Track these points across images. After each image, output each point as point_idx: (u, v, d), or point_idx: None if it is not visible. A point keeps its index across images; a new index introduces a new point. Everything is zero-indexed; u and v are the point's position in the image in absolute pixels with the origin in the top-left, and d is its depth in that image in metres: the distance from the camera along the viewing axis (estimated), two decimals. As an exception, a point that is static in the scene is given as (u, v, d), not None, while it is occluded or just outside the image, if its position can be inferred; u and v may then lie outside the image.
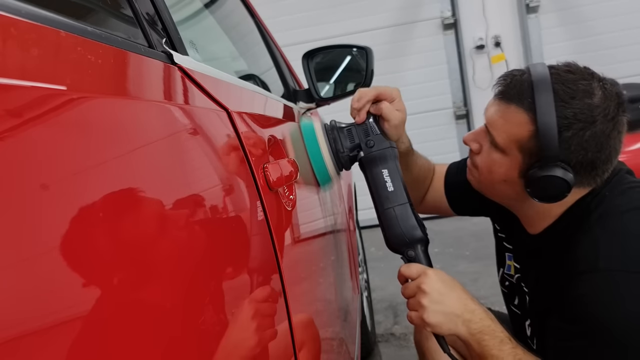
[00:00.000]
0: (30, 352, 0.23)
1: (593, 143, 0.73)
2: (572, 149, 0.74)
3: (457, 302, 0.77)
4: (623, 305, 0.69)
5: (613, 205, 0.77)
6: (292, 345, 0.57)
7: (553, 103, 0.73)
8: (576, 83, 0.75)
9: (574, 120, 0.73)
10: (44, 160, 0.27)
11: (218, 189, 0.48)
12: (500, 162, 0.81)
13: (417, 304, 0.79)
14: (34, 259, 0.25)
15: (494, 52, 4.47)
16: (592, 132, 0.73)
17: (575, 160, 0.74)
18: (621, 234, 0.74)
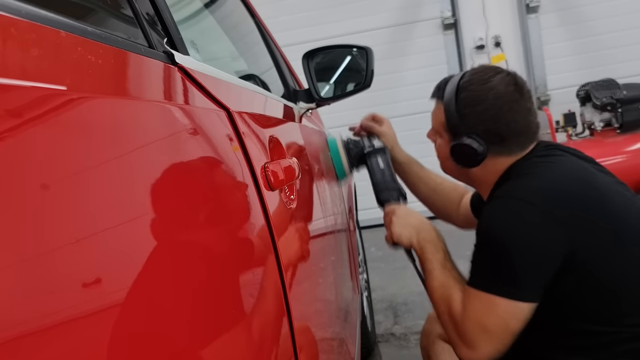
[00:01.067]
0: (30, 352, 0.23)
1: (487, 115, 0.97)
2: (472, 122, 0.98)
3: (417, 219, 1.08)
4: (500, 219, 0.90)
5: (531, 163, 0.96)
6: (292, 345, 0.57)
7: (454, 91, 1.01)
8: (475, 74, 1.01)
9: (468, 101, 0.99)
10: (44, 161, 0.27)
11: (219, 189, 0.48)
12: (441, 144, 1.09)
13: (389, 222, 1.11)
14: (34, 259, 0.25)
15: (494, 52, 4.47)
16: (483, 107, 0.97)
17: (480, 130, 0.98)
18: (521, 177, 0.94)
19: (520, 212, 0.88)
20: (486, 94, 0.97)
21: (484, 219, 0.94)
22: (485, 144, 0.98)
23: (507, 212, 0.90)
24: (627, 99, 3.61)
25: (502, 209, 0.91)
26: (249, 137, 0.60)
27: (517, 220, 0.88)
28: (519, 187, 0.92)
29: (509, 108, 0.96)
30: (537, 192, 0.89)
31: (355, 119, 4.89)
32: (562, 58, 4.43)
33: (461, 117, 0.99)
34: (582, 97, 3.86)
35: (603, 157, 3.60)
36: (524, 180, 0.94)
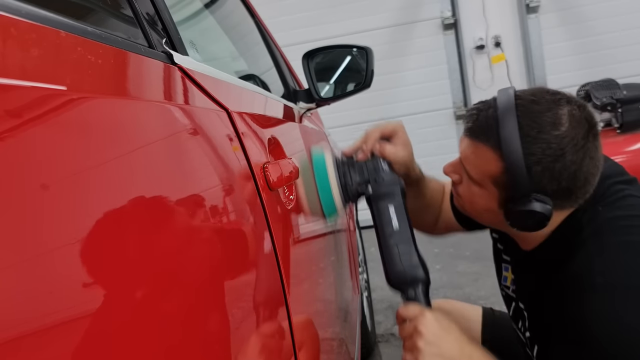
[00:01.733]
0: (30, 352, 0.23)
1: (565, 174, 0.73)
2: (544, 182, 0.74)
3: (454, 345, 0.76)
4: (622, 322, 0.68)
5: (605, 219, 0.76)
6: (292, 345, 0.57)
7: (519, 140, 0.73)
8: (542, 115, 0.74)
9: (542, 155, 0.73)
10: (44, 161, 0.27)
11: (218, 189, 0.48)
12: (479, 194, 0.82)
13: (413, 345, 0.77)
14: (34, 259, 0.25)
15: (494, 52, 4.47)
16: (562, 164, 0.72)
17: (550, 190, 0.74)
18: (615, 248, 0.73)
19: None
20: (562, 146, 0.72)
21: (593, 323, 0.70)
22: (552, 204, 0.75)
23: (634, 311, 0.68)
24: (627, 99, 3.61)
25: (622, 306, 0.68)
26: (248, 137, 0.60)
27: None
28: (631, 270, 0.70)
29: (587, 162, 0.74)
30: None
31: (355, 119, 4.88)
32: (562, 58, 4.43)
33: (530, 176, 0.74)
34: (582, 97, 3.86)
35: (603, 157, 3.60)
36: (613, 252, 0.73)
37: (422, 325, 0.77)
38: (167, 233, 0.37)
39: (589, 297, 0.70)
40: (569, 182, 0.73)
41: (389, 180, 0.85)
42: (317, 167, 0.83)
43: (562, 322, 0.75)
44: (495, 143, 0.76)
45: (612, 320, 0.68)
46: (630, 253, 0.71)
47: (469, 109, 0.83)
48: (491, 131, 0.76)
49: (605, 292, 0.69)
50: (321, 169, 0.83)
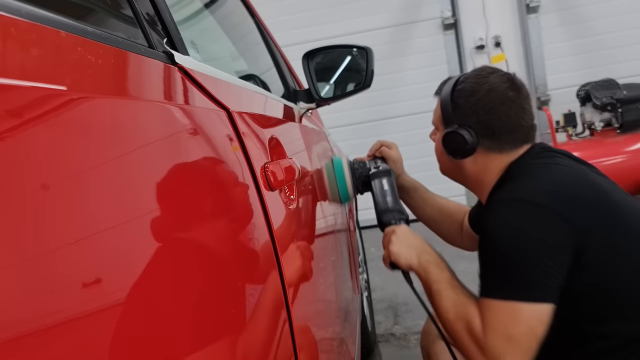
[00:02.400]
0: (30, 352, 0.23)
1: (480, 106, 0.98)
2: (465, 113, 1.00)
3: (417, 240, 1.06)
4: (507, 223, 0.89)
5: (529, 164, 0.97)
6: (292, 345, 0.57)
7: (452, 85, 1.03)
8: (474, 71, 1.04)
9: (463, 92, 1.01)
10: (44, 161, 0.27)
11: (218, 189, 0.48)
12: (438, 140, 1.08)
13: (387, 241, 1.08)
14: (35, 259, 0.25)
15: (494, 52, 4.47)
16: (477, 99, 0.98)
17: (472, 121, 0.99)
18: (525, 179, 0.94)
19: (526, 214, 0.88)
20: (481, 87, 0.99)
21: (490, 225, 0.92)
22: (475, 136, 0.99)
23: (513, 215, 0.89)
24: (627, 99, 3.61)
25: (507, 213, 0.90)
26: (248, 137, 0.60)
27: (525, 222, 0.87)
28: (521, 189, 0.92)
29: (501, 102, 0.97)
30: (540, 194, 0.89)
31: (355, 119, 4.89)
32: (562, 58, 4.43)
33: (455, 108, 1.01)
34: (582, 97, 3.86)
35: (603, 157, 3.60)
36: (524, 182, 0.93)
37: (396, 230, 1.08)
38: (167, 233, 0.37)
39: (490, 212, 0.94)
40: (485, 116, 0.98)
41: (383, 167, 1.24)
42: (336, 167, 1.18)
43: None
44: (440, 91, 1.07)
45: (498, 222, 0.91)
46: (526, 179, 0.93)
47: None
48: (441, 86, 1.09)
49: (496, 206, 0.93)
50: (339, 167, 1.18)
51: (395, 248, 1.05)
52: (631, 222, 0.91)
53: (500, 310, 0.86)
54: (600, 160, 3.59)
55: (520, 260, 0.86)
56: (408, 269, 1.04)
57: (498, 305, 0.87)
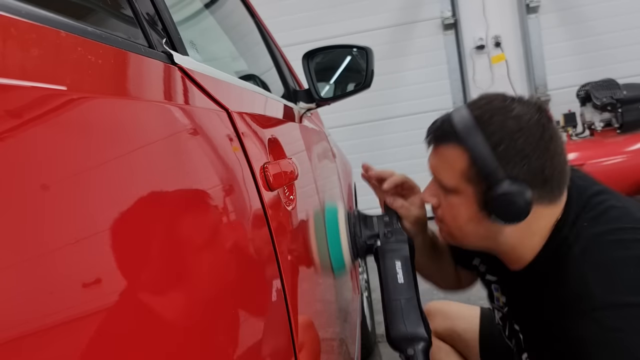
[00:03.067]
0: (30, 352, 0.23)
1: (530, 148, 0.73)
2: (512, 161, 0.73)
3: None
4: (622, 341, 0.67)
5: (592, 235, 0.75)
6: (292, 345, 0.57)
7: (476, 125, 0.75)
8: (491, 103, 0.77)
9: (501, 134, 0.73)
10: (44, 161, 0.27)
11: (218, 189, 0.48)
12: (458, 203, 0.80)
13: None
14: (35, 259, 0.25)
15: (494, 52, 4.47)
16: (524, 139, 0.73)
17: (521, 171, 0.73)
18: (608, 266, 0.72)
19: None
20: (520, 122, 0.74)
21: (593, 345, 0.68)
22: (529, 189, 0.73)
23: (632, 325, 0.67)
24: (627, 99, 3.61)
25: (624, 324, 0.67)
26: (248, 137, 0.60)
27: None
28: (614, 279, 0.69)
29: (549, 137, 0.74)
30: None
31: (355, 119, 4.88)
32: (562, 58, 4.43)
33: (497, 157, 0.73)
34: (582, 97, 3.86)
35: (603, 157, 3.60)
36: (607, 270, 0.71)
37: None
38: (167, 233, 0.37)
39: (589, 318, 0.69)
40: (537, 160, 0.73)
41: (398, 236, 0.85)
42: (329, 218, 0.85)
43: (560, 342, 0.74)
44: (456, 137, 0.76)
45: (612, 337, 0.67)
46: (622, 269, 0.71)
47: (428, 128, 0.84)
48: (450, 130, 0.78)
49: (603, 312, 0.68)
50: (333, 220, 0.85)
51: None
52: None
53: None
54: (600, 160, 3.60)
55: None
56: None
57: None
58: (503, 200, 0.74)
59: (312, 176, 0.98)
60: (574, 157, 3.65)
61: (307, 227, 0.79)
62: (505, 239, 0.80)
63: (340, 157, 1.83)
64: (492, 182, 0.74)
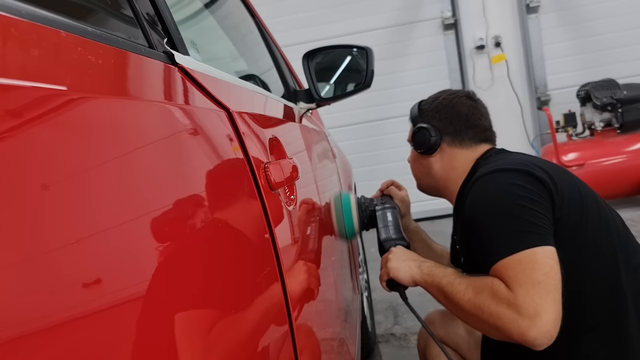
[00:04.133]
0: (30, 352, 0.23)
1: (440, 107, 1.17)
2: (428, 115, 1.18)
3: (414, 255, 1.09)
4: (493, 188, 0.96)
5: (491, 158, 1.09)
6: (292, 345, 0.57)
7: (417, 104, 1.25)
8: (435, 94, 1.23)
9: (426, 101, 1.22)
10: (44, 161, 0.27)
11: (219, 189, 0.48)
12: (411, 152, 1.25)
13: (385, 261, 1.10)
14: (35, 259, 0.24)
15: (494, 52, 4.47)
16: (437, 102, 1.18)
17: (434, 120, 1.16)
18: (493, 162, 1.03)
19: (509, 175, 0.94)
20: (440, 94, 1.20)
21: (478, 197, 0.97)
22: (438, 132, 1.15)
23: (498, 180, 0.96)
24: (627, 99, 3.62)
25: (491, 180, 0.96)
26: (249, 137, 0.60)
27: (510, 181, 0.94)
28: (497, 165, 0.99)
29: (459, 103, 1.15)
30: (516, 164, 0.97)
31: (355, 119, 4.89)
32: (562, 58, 4.43)
33: (420, 113, 1.21)
34: (582, 97, 3.87)
35: (603, 157, 3.60)
36: (494, 163, 1.02)
37: (392, 249, 1.11)
38: (167, 233, 0.37)
39: (470, 188, 1.01)
40: (446, 114, 1.15)
41: (389, 203, 1.28)
42: (344, 202, 1.22)
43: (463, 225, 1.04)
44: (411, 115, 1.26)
45: (485, 191, 0.97)
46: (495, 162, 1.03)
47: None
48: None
49: (478, 183, 0.99)
50: (347, 202, 1.21)
51: (393, 264, 1.07)
52: (599, 206, 0.98)
53: (517, 263, 0.86)
54: (600, 160, 3.60)
55: (518, 212, 0.89)
56: (410, 281, 1.05)
57: (513, 260, 0.86)
58: (415, 135, 1.19)
59: (313, 176, 0.98)
60: (574, 157, 3.65)
61: (313, 230, 0.80)
62: (435, 172, 1.18)
63: (340, 157, 1.83)
64: (413, 125, 1.21)
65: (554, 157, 3.67)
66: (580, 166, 3.55)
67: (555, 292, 0.83)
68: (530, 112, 4.54)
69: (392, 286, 1.10)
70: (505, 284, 0.85)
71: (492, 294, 0.86)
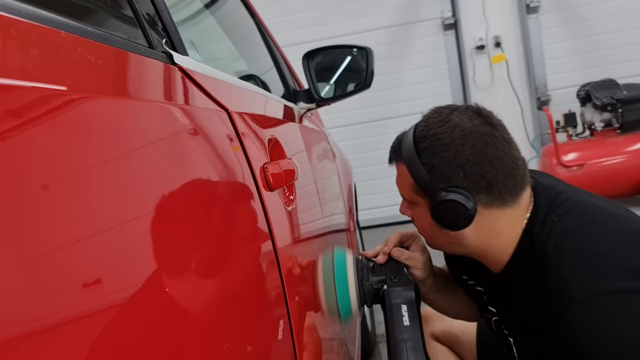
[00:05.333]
0: (30, 352, 0.23)
1: (461, 158, 0.76)
2: (446, 173, 0.77)
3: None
4: (606, 328, 0.68)
5: (563, 230, 0.77)
6: (292, 345, 0.57)
7: (412, 143, 0.80)
8: (428, 120, 0.81)
9: (432, 148, 0.77)
10: (44, 161, 0.27)
11: (218, 190, 0.48)
12: (420, 213, 0.85)
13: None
14: (35, 259, 0.25)
15: (494, 52, 4.47)
16: (454, 150, 0.76)
17: (459, 180, 0.77)
18: (581, 259, 0.73)
19: (626, 305, 0.68)
20: (451, 134, 0.77)
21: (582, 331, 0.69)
22: (470, 194, 0.77)
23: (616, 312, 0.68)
24: (627, 99, 3.61)
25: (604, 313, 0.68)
26: (248, 138, 0.60)
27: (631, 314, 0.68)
28: (595, 278, 0.71)
29: (484, 143, 0.77)
30: (624, 274, 0.70)
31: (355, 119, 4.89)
32: (562, 58, 4.43)
33: (431, 171, 0.78)
34: (583, 97, 3.86)
35: (603, 157, 3.60)
36: (588, 263, 0.72)
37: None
38: (167, 233, 0.37)
39: (572, 310, 0.70)
40: (472, 167, 0.76)
41: (404, 282, 0.89)
42: (337, 268, 0.87)
43: (551, 339, 0.75)
44: (401, 156, 0.82)
45: (598, 327, 0.68)
46: (595, 261, 0.72)
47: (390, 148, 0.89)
48: (398, 150, 0.84)
49: (585, 303, 0.69)
50: (341, 268, 0.86)
51: None
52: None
53: None
54: (600, 160, 3.60)
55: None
56: None
57: None
58: (441, 210, 0.78)
59: (312, 176, 0.98)
60: (574, 157, 3.65)
61: (312, 230, 0.80)
62: (470, 243, 0.82)
63: (340, 157, 1.83)
64: (430, 195, 0.79)
65: (554, 157, 3.67)
66: (580, 166, 3.55)
67: None
68: (531, 112, 4.54)
69: None
70: None
71: None
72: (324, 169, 1.24)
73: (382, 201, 4.02)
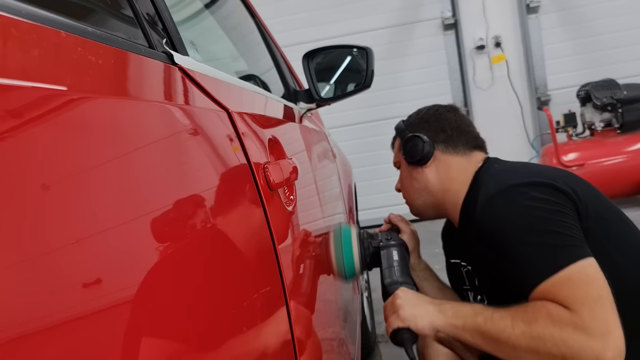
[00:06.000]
0: (30, 352, 0.23)
1: (427, 116, 1.13)
2: (417, 125, 1.12)
3: (427, 297, 0.96)
4: (515, 207, 0.88)
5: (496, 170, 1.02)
6: (292, 345, 0.57)
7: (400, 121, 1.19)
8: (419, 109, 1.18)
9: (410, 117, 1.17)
10: (44, 161, 0.27)
11: (218, 190, 0.48)
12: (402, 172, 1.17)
13: (393, 309, 0.95)
14: (35, 259, 0.25)
15: (495, 52, 4.47)
16: (423, 113, 1.14)
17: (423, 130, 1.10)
18: (500, 173, 0.99)
19: (526, 191, 0.88)
20: (423, 109, 1.16)
21: (499, 218, 0.89)
22: (429, 139, 1.08)
23: (516, 198, 0.88)
24: (627, 99, 3.62)
25: (508, 200, 0.90)
26: (248, 138, 0.60)
27: (531, 197, 0.87)
28: (504, 181, 0.93)
29: (445, 110, 1.13)
30: (527, 176, 0.92)
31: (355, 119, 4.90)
32: (562, 58, 4.43)
33: (407, 127, 1.14)
34: (583, 97, 3.87)
35: (603, 157, 3.60)
36: (501, 177, 0.96)
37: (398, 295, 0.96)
38: (167, 233, 0.37)
39: (492, 201, 0.92)
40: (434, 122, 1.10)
41: (395, 239, 1.12)
42: (344, 237, 1.06)
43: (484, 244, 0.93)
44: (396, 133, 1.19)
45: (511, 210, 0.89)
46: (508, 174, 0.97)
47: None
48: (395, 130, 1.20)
49: (500, 193, 0.92)
50: (347, 237, 1.06)
51: (407, 312, 0.91)
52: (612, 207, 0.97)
53: (568, 281, 0.78)
54: (600, 160, 3.60)
55: (551, 227, 0.83)
56: (431, 329, 0.90)
57: (562, 278, 0.79)
58: (406, 146, 1.10)
59: (313, 176, 0.98)
60: (574, 157, 3.65)
61: (312, 230, 0.80)
62: (433, 187, 1.09)
63: (340, 157, 1.83)
64: (402, 137, 1.13)
65: (554, 157, 3.67)
66: (580, 166, 3.55)
67: (614, 304, 0.76)
68: (531, 112, 4.54)
69: (399, 338, 0.93)
70: (562, 304, 0.77)
71: (552, 320, 0.76)
72: (324, 169, 1.24)
73: (382, 201, 4.03)
